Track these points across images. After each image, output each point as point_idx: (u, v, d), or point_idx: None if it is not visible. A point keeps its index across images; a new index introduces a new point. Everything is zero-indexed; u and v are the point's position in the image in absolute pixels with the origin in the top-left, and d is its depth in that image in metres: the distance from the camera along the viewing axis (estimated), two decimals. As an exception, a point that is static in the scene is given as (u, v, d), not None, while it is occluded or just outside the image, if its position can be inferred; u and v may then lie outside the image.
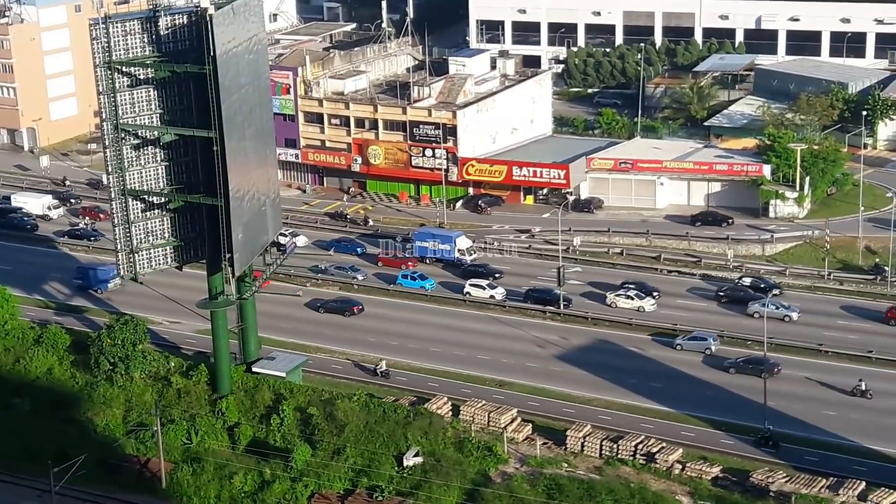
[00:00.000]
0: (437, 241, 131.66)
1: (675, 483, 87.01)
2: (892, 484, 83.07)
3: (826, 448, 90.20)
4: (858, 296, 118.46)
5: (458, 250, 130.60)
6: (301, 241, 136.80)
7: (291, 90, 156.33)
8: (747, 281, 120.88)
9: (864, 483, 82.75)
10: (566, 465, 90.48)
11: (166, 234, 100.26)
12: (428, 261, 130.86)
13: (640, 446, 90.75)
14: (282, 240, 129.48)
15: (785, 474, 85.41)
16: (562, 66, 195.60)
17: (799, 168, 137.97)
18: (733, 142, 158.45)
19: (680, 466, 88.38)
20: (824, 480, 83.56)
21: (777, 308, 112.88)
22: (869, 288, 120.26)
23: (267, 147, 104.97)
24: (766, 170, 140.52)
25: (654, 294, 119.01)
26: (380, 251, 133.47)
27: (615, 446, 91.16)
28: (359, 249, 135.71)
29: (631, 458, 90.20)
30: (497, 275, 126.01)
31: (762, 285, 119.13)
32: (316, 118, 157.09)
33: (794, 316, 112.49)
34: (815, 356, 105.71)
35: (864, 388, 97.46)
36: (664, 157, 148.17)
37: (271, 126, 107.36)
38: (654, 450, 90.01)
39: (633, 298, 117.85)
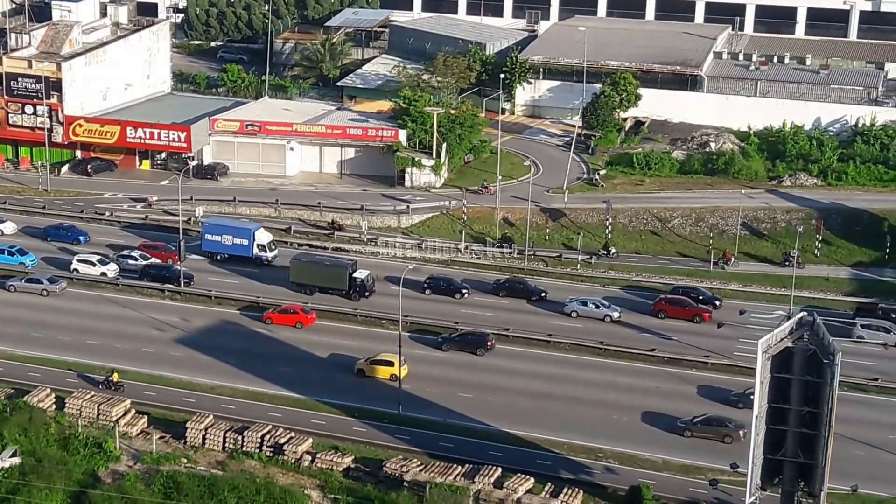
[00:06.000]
0: (231, 235, 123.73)
1: (305, 476, 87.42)
2: (528, 469, 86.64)
3: (462, 433, 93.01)
4: (487, 269, 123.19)
5: (258, 245, 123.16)
6: (9, 227, 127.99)
7: None
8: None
9: (500, 469, 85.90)
10: (185, 460, 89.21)
11: None
12: (219, 258, 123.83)
13: (267, 437, 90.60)
14: None
15: (420, 462, 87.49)
16: (181, 15, 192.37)
17: (436, 134, 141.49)
18: (368, 104, 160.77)
19: (310, 458, 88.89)
20: (460, 467, 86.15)
21: (597, 307, 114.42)
22: (507, 262, 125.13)
23: None
24: (402, 135, 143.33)
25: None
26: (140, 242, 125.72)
27: (240, 438, 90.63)
28: (81, 238, 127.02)
29: (257, 450, 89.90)
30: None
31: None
32: None
33: (615, 316, 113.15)
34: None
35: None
36: (294, 120, 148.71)
37: None
38: (283, 441, 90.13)
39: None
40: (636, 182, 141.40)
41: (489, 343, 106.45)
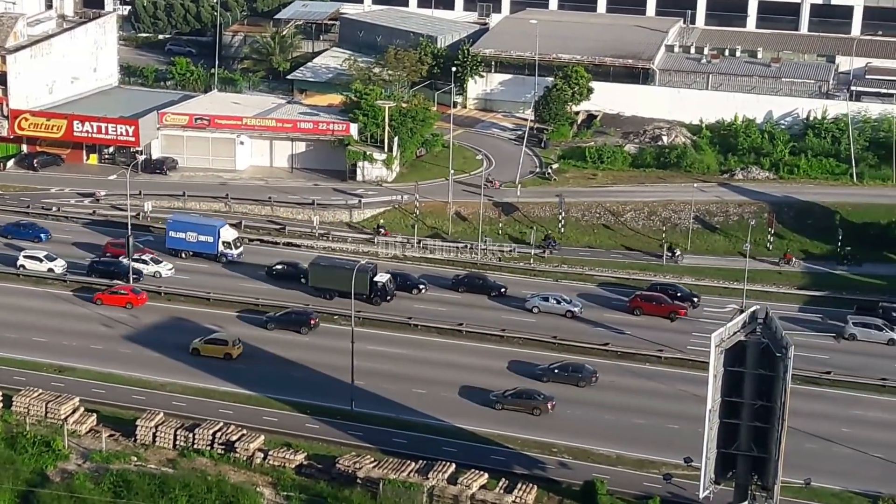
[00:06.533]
0: (196, 232, 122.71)
1: (257, 474, 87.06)
2: (482, 465, 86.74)
3: (416, 429, 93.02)
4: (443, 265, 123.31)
5: (223, 243, 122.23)
6: None
7: None
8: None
9: (454, 465, 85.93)
10: (135, 458, 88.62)
11: None
12: (184, 255, 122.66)
13: (218, 435, 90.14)
14: None
15: (373, 459, 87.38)
16: (128, 7, 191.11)
17: (388, 128, 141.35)
18: (318, 97, 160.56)
19: (262, 455, 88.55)
20: (414, 464, 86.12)
21: (559, 303, 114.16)
22: (458, 256, 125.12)
23: None
24: (354, 129, 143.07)
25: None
26: (109, 239, 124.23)
27: (191, 436, 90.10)
28: (42, 236, 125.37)
29: (208, 448, 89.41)
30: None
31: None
32: None
33: (577, 311, 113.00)
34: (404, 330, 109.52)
35: None
36: (244, 114, 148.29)
37: None
38: (234, 438, 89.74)
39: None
40: (589, 176, 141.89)
41: (312, 322, 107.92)
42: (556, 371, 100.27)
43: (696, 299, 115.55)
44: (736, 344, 76.10)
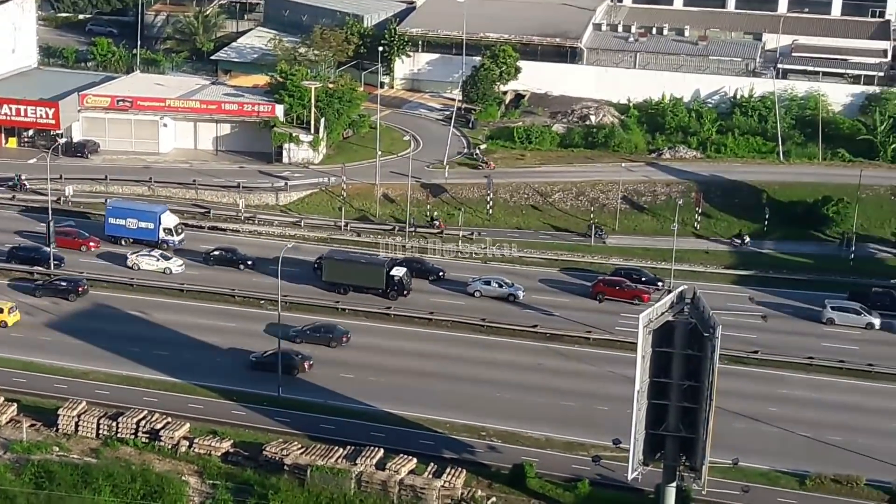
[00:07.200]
0: (136, 218, 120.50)
1: (182, 462, 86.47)
2: (411, 450, 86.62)
3: (344, 414, 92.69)
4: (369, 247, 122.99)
5: (164, 229, 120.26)
6: None
7: None
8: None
9: (382, 450, 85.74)
10: (58, 448, 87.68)
11: None
12: (124, 242, 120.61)
13: (142, 423, 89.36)
14: None
15: (300, 445, 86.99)
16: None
17: (314, 109, 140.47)
18: (243, 78, 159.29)
19: (187, 443, 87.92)
20: (341, 450, 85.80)
21: (501, 286, 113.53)
22: (384, 239, 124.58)
23: None
24: (279, 110, 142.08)
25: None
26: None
27: (114, 424, 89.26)
28: None
29: (133, 436, 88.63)
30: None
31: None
32: None
33: (520, 295, 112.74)
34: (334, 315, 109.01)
35: None
36: (168, 95, 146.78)
37: None
38: (159, 426, 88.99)
39: (158, 259, 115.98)
40: (517, 156, 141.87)
41: (81, 289, 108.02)
42: (308, 332, 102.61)
43: (660, 283, 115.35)
44: (664, 324, 76.31)
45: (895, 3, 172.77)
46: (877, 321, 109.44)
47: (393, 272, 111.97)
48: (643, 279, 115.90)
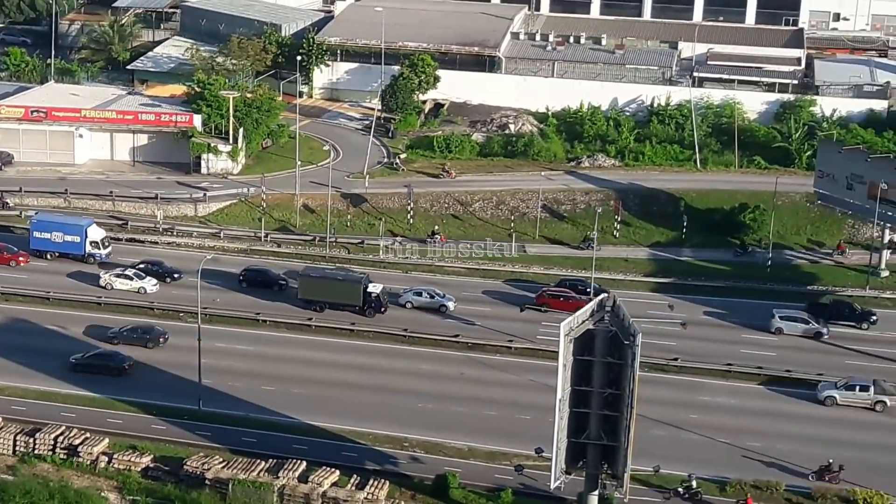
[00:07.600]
0: (62, 231, 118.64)
1: (102, 478, 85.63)
2: (333, 462, 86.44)
3: (265, 427, 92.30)
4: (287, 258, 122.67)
5: (91, 242, 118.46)
6: None
7: None
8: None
9: (305, 463, 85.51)
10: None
11: None
12: (49, 256, 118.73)
13: (60, 439, 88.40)
14: None
15: (221, 459, 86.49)
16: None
17: (232, 119, 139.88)
18: (160, 88, 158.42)
19: (107, 458, 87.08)
20: (264, 463, 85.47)
21: (432, 297, 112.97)
22: (308, 250, 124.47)
23: None
24: (197, 120, 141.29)
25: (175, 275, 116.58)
26: None
27: (31, 440, 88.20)
28: None
29: (50, 452, 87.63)
30: None
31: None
32: None
33: (451, 306, 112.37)
34: (253, 327, 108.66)
35: None
36: (83, 106, 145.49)
37: None
38: (78, 442, 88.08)
39: (132, 279, 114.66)
40: (437, 166, 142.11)
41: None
42: (125, 333, 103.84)
43: (605, 294, 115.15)
44: (585, 332, 76.87)
45: (808, 11, 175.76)
46: (825, 330, 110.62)
47: (370, 289, 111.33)
48: (587, 290, 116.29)
